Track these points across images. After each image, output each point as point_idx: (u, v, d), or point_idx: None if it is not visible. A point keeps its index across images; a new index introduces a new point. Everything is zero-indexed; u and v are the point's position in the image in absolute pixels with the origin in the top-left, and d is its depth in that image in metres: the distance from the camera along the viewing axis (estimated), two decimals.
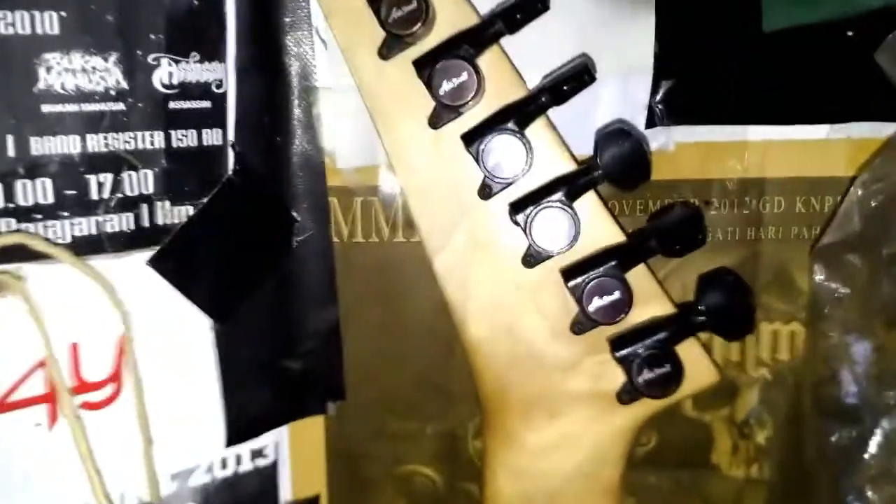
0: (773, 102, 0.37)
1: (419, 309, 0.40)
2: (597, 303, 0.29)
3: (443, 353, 0.40)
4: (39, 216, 0.31)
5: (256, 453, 0.40)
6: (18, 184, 0.30)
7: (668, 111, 0.36)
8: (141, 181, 0.33)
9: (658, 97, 0.36)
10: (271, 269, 0.38)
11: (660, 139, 0.37)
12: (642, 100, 0.36)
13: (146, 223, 0.33)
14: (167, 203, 0.34)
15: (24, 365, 0.33)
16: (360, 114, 0.31)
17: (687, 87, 0.36)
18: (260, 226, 0.37)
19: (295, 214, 0.38)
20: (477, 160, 0.29)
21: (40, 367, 0.33)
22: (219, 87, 0.34)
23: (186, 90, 0.33)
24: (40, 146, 0.30)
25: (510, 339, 0.31)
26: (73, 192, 0.31)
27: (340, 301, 0.40)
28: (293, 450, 0.41)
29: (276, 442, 0.41)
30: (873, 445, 0.34)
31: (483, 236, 0.31)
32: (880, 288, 0.34)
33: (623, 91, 0.36)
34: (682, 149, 0.37)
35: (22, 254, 0.31)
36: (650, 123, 0.36)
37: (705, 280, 0.31)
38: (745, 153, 0.37)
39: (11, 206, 0.30)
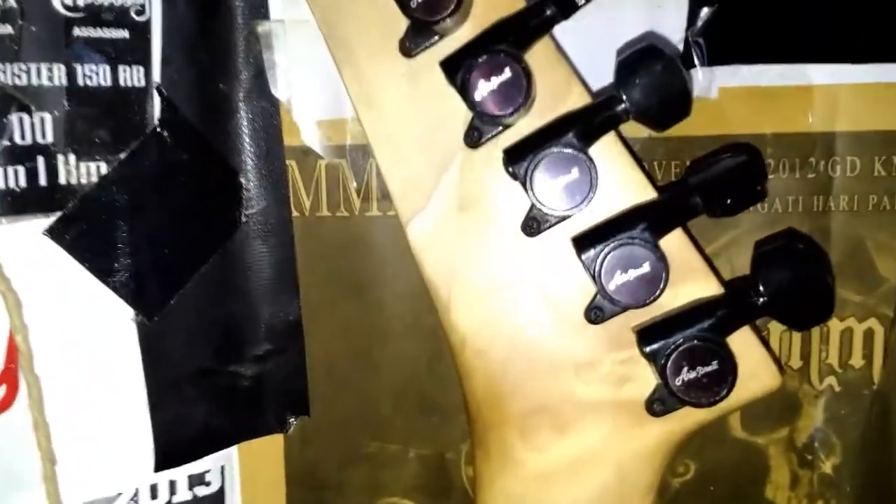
0: (842, 35, 0.33)
1: (400, 300, 0.36)
2: (620, 279, 0.25)
3: (430, 356, 0.36)
4: None
5: (196, 480, 0.36)
6: None
7: (710, 48, 0.33)
8: (36, 127, 0.29)
9: (696, 30, 0.32)
10: (213, 249, 0.33)
11: (700, 83, 0.33)
12: (676, 34, 0.32)
13: (43, 181, 0.29)
14: (71, 157, 0.30)
15: None
16: (324, 54, 0.27)
17: (732, 17, 0.32)
18: (197, 193, 0.33)
19: (243, 181, 0.34)
20: (462, 94, 0.24)
21: None
22: (140, 13, 0.30)
23: (96, 15, 0.29)
24: None
25: (507, 332, 0.27)
26: None
27: (302, 291, 0.36)
28: (245, 476, 0.38)
29: (223, 466, 0.36)
30: None
31: (471, 195, 0.26)
32: None
33: (652, 23, 0.32)
34: (727, 95, 0.33)
35: None
36: (687, 63, 0.32)
37: (766, 247, 0.26)
38: (809, 101, 0.33)
39: None
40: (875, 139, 0.34)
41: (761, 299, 0.25)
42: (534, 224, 0.25)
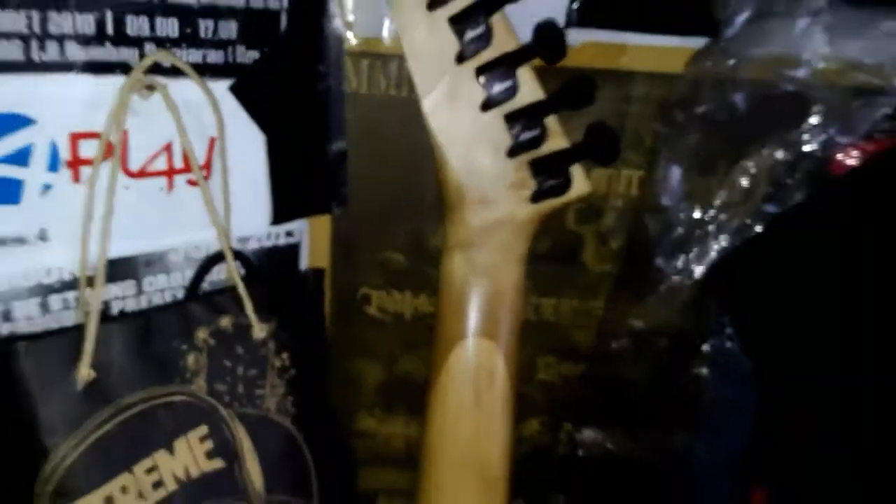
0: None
1: (402, 142, 0.51)
2: (525, 136, 0.43)
3: (416, 173, 0.52)
4: (168, 45, 0.44)
5: (288, 233, 0.50)
6: (158, 20, 0.43)
7: (580, 17, 0.48)
8: (230, 29, 0.45)
9: (572, 6, 0.49)
10: (311, 97, 0.48)
11: (572, 37, 0.48)
12: (562, 7, 0.49)
13: (231, 59, 0.45)
14: (243, 47, 0.46)
15: (155, 147, 0.45)
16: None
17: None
18: (304, 69, 0.49)
19: (322, 68, 0.49)
20: (458, 36, 0.42)
21: (165, 150, 0.45)
22: None
23: None
24: None
25: (469, 156, 0.41)
26: (189, 30, 0.44)
27: (348, 134, 0.50)
28: (311, 234, 0.52)
29: (300, 228, 0.51)
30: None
31: (457, 89, 0.41)
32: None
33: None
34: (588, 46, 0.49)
35: (158, 70, 0.43)
36: (567, 24, 0.49)
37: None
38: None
39: (154, 35, 0.43)
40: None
41: (587, 147, 0.48)
42: (488, 106, 0.45)
